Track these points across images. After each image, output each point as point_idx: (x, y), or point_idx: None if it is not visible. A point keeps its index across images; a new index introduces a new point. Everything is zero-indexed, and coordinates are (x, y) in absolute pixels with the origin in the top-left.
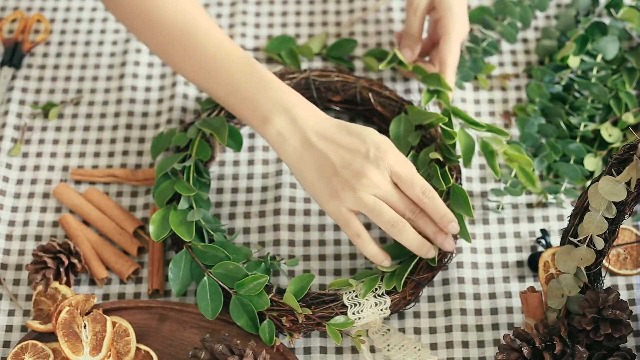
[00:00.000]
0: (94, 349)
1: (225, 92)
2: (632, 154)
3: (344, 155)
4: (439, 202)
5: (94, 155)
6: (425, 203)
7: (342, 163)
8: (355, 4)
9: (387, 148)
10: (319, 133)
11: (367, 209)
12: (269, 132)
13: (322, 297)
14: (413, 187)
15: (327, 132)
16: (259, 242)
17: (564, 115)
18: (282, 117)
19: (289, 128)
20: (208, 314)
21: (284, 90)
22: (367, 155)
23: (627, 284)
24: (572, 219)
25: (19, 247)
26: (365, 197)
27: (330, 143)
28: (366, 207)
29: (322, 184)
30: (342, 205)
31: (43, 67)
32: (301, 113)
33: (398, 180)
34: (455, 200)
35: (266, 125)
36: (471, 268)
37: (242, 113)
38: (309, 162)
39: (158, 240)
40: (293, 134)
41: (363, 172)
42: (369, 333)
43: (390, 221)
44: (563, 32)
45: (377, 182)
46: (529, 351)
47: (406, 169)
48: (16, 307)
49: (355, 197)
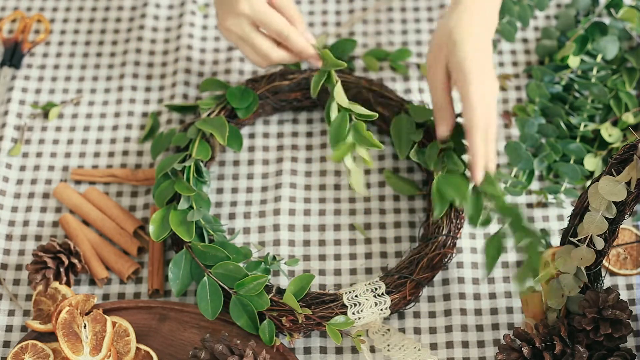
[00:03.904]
0: (94, 349)
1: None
2: (632, 154)
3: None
4: (297, 43)
5: (94, 155)
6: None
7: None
8: (355, 4)
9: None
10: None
11: (246, 38)
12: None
13: (322, 297)
14: (270, 29)
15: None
16: (259, 242)
17: (564, 115)
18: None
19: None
20: (208, 314)
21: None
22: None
23: (627, 284)
24: (572, 219)
25: (19, 247)
26: (241, 24)
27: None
28: (245, 35)
29: (218, 4)
30: (230, 34)
31: (43, 67)
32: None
33: (260, 22)
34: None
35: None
36: (471, 268)
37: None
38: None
39: (158, 240)
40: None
41: (236, 1)
42: (369, 333)
43: (264, 52)
44: (563, 32)
45: (245, 12)
46: (529, 351)
47: (265, 14)
48: (16, 307)
49: (234, 22)
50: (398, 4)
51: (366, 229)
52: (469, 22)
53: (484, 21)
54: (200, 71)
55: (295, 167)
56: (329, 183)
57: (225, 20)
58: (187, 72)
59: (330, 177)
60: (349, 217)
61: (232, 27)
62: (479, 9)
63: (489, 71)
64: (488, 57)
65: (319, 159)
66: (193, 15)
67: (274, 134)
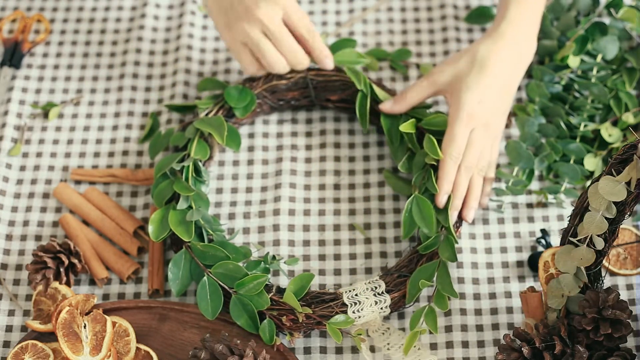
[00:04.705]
0: (94, 349)
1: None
2: (632, 153)
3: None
4: (318, 41)
5: (94, 155)
6: (307, 40)
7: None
8: (355, 4)
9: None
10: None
11: (252, 43)
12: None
13: (322, 296)
14: (299, 26)
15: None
16: (259, 242)
17: (564, 115)
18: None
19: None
20: (208, 314)
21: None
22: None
23: (627, 284)
24: (572, 219)
25: (19, 247)
26: (252, 30)
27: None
28: (252, 40)
29: (220, 16)
30: (234, 36)
31: (43, 67)
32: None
33: (287, 19)
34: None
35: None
36: (471, 268)
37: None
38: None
39: (157, 240)
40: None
41: (254, 6)
42: (369, 332)
43: (272, 62)
44: (563, 32)
45: (264, 17)
46: (529, 351)
47: (298, 12)
48: (16, 307)
49: (244, 27)
50: (398, 4)
51: (366, 229)
52: (498, 53)
53: (516, 53)
54: (200, 71)
55: (295, 167)
56: (329, 183)
57: (234, 26)
58: (187, 72)
59: (330, 177)
60: (348, 217)
61: (240, 33)
62: (514, 38)
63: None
64: (501, 98)
65: (319, 158)
66: (193, 15)
67: (274, 134)
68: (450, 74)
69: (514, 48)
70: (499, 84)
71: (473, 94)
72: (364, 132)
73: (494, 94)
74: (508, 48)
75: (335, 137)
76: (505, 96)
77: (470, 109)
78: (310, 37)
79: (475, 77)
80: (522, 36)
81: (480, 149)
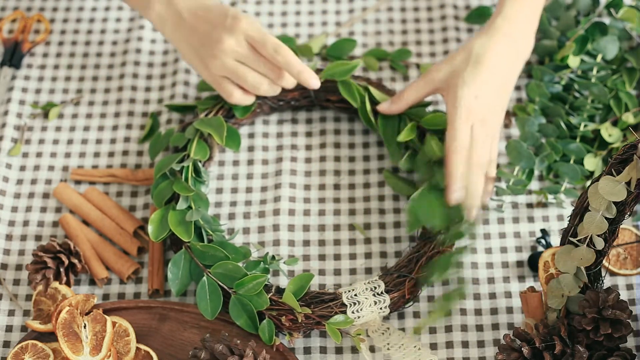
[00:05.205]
0: (94, 349)
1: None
2: (632, 153)
3: (207, 28)
4: (291, 58)
5: (94, 155)
6: (279, 60)
7: (205, 35)
8: (355, 4)
9: (242, 16)
10: (190, 11)
11: (230, 73)
12: (151, 16)
13: (322, 296)
14: (265, 46)
15: (198, 10)
16: (259, 242)
17: (564, 115)
18: (161, 0)
19: (166, 10)
20: (208, 314)
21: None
22: (224, 25)
23: (627, 284)
24: (572, 219)
25: (19, 247)
26: (226, 61)
27: (198, 19)
28: (229, 70)
29: (193, 56)
30: (212, 72)
31: (43, 67)
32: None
33: (253, 42)
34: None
35: (148, 10)
36: (471, 268)
37: (130, 1)
38: (183, 37)
39: (157, 240)
40: (169, 15)
41: (220, 40)
42: (369, 332)
43: (254, 84)
44: (563, 32)
45: (232, 47)
46: (529, 351)
47: (259, 32)
48: (16, 307)
49: (218, 63)
50: (398, 4)
51: (366, 229)
52: (494, 48)
53: (512, 49)
54: None
55: (295, 167)
56: (329, 183)
57: (209, 64)
58: (187, 72)
59: (330, 177)
60: (348, 217)
61: (217, 68)
62: (510, 34)
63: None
64: (497, 93)
65: (318, 158)
66: None
67: (274, 134)
68: (446, 71)
69: (510, 44)
70: (495, 80)
71: (470, 89)
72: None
73: (491, 89)
74: (504, 43)
75: (335, 137)
76: (502, 94)
77: (468, 103)
78: (279, 54)
79: (472, 73)
80: (519, 33)
81: (486, 144)
